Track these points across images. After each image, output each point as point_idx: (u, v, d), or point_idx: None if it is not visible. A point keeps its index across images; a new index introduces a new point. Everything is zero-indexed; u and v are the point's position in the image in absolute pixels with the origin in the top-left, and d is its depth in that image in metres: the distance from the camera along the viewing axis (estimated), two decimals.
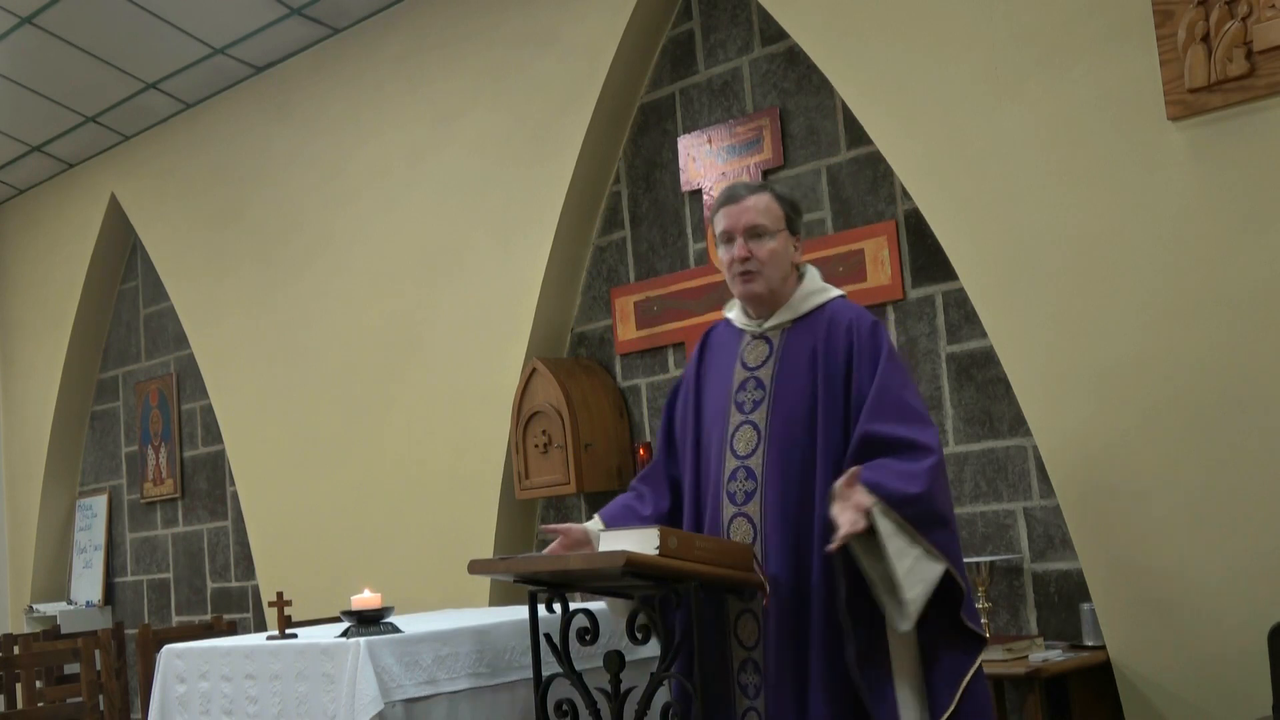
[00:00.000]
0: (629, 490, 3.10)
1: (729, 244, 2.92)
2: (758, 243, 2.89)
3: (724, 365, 2.97)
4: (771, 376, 2.88)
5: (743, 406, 2.89)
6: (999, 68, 3.87)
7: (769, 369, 2.89)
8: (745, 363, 2.93)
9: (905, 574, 2.61)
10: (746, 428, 2.87)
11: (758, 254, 2.88)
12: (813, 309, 2.93)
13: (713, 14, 4.84)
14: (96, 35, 6.19)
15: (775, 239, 2.90)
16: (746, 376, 2.92)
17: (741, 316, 3.01)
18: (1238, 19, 3.38)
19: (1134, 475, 3.59)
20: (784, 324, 2.93)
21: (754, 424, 2.86)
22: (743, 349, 2.96)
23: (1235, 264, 3.41)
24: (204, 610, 6.94)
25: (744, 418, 2.88)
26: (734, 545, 2.76)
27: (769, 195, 2.94)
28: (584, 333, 5.27)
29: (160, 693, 3.53)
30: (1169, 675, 3.53)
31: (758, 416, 2.86)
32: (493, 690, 3.26)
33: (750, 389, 2.90)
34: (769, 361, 2.90)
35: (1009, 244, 3.85)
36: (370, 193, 5.93)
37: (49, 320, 7.86)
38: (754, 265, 2.89)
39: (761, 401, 2.87)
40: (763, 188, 2.99)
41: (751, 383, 2.90)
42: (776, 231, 2.91)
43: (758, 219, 2.89)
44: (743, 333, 2.99)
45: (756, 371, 2.91)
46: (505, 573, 2.95)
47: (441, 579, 5.17)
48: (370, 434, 5.87)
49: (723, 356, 3.00)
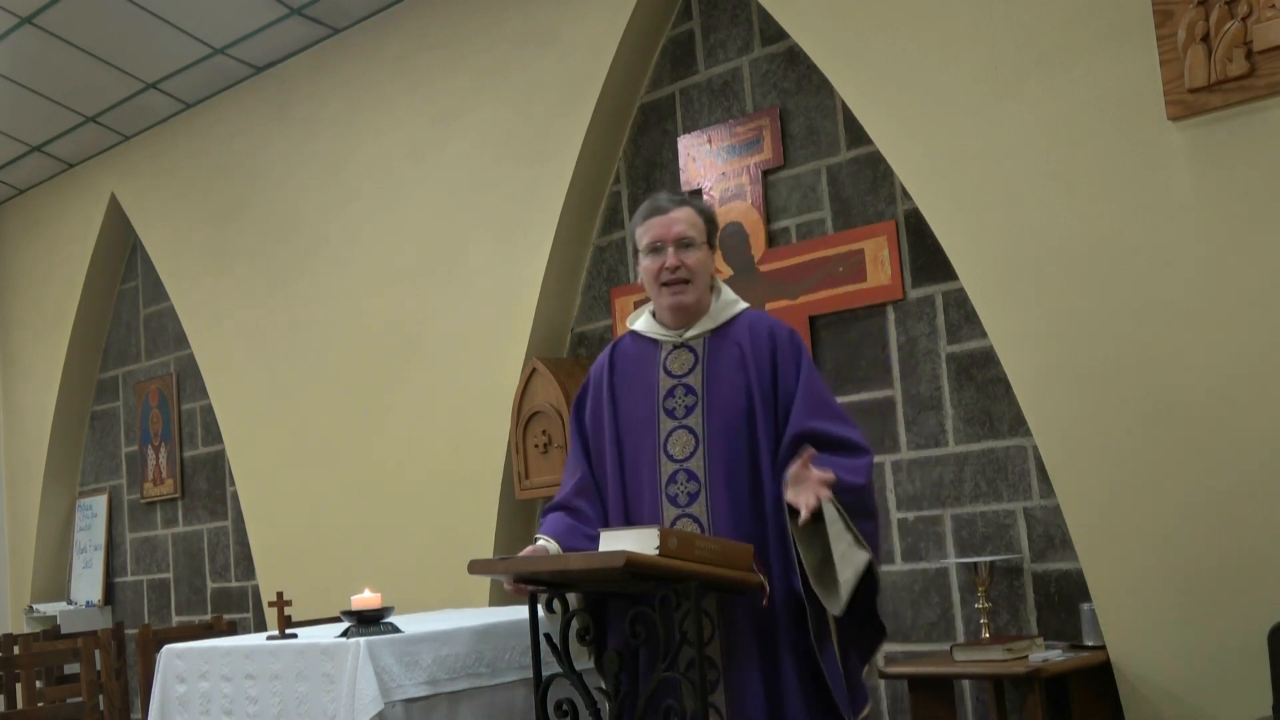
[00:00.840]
0: (563, 510, 3.09)
1: (656, 254, 3.01)
2: (687, 253, 3.00)
3: (643, 375, 3.06)
4: (702, 382, 2.99)
5: (674, 413, 2.99)
6: (999, 68, 3.87)
7: (698, 375, 3.00)
8: (670, 371, 3.03)
9: (840, 557, 2.77)
10: (681, 432, 2.97)
11: (688, 263, 2.99)
12: (730, 319, 3.06)
13: (713, 14, 4.84)
14: (96, 35, 6.19)
15: (701, 250, 3.02)
16: (674, 384, 3.01)
17: (657, 327, 3.09)
18: (1238, 19, 3.38)
19: (1134, 475, 3.59)
20: (705, 333, 3.04)
21: (689, 428, 2.96)
22: (664, 358, 3.05)
23: (1235, 264, 3.41)
24: (204, 610, 6.94)
25: (677, 423, 2.98)
26: (734, 545, 2.77)
27: (691, 208, 3.06)
28: (584, 333, 5.27)
29: (160, 693, 3.53)
30: (1169, 675, 3.53)
31: (692, 421, 2.96)
32: (493, 690, 3.27)
33: (680, 395, 3.00)
34: (696, 368, 3.01)
35: (1009, 244, 3.85)
36: (370, 193, 5.93)
37: (49, 320, 7.86)
38: (685, 274, 2.99)
39: (695, 407, 2.97)
40: (685, 201, 3.09)
41: (680, 389, 3.00)
42: (701, 243, 3.03)
43: (687, 230, 3.01)
44: (659, 343, 3.07)
45: (685, 379, 3.01)
46: (505, 573, 2.95)
47: (441, 579, 5.17)
48: (370, 434, 5.87)
49: (639, 367, 3.08)
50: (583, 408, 3.15)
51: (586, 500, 3.07)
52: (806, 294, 4.45)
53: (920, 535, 4.20)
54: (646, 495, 2.98)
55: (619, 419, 3.06)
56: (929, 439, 4.18)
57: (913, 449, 4.22)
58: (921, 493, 4.19)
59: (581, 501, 3.07)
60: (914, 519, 4.22)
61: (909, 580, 4.22)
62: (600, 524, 3.02)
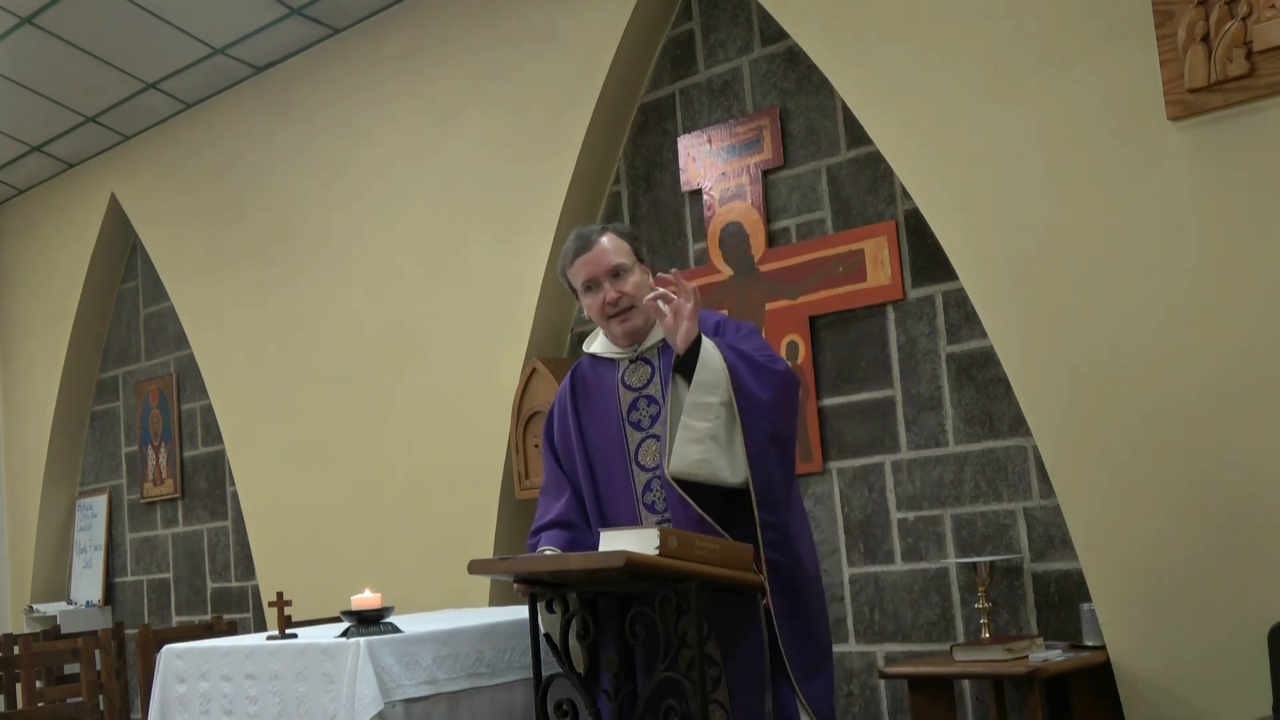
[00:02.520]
0: (558, 528, 3.11)
1: (594, 291, 3.08)
2: (622, 281, 3.06)
3: (604, 394, 3.11)
4: (662, 389, 3.02)
5: (640, 424, 3.04)
6: (999, 68, 3.87)
7: (657, 384, 3.04)
8: (629, 385, 3.08)
9: (692, 408, 2.82)
10: (650, 441, 3.02)
11: (627, 290, 3.05)
12: None
13: (713, 14, 4.84)
14: (96, 35, 6.18)
15: (634, 273, 3.08)
16: (635, 396, 3.07)
17: (611, 347, 3.15)
18: (1238, 19, 3.38)
19: (1134, 475, 3.59)
20: (657, 343, 3.09)
21: (656, 436, 3.00)
22: (622, 374, 3.10)
23: (1235, 264, 3.41)
24: (204, 610, 6.94)
25: (644, 433, 3.03)
26: (734, 546, 2.77)
27: (612, 234, 3.12)
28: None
29: (160, 693, 3.53)
30: (1169, 675, 3.53)
31: (659, 429, 3.00)
32: (493, 690, 3.27)
33: (643, 406, 3.05)
34: (655, 378, 3.05)
35: (1009, 244, 3.85)
36: (370, 192, 5.93)
37: (49, 320, 7.86)
38: (626, 302, 3.06)
39: (659, 414, 3.01)
40: (604, 229, 3.13)
41: (643, 400, 3.05)
42: (633, 265, 3.09)
43: (614, 258, 3.07)
44: (615, 362, 3.12)
45: (645, 390, 3.06)
46: (505, 573, 2.95)
47: (441, 579, 5.17)
48: (370, 434, 5.87)
49: (599, 387, 3.13)
50: (551, 433, 3.20)
51: (580, 516, 3.10)
52: (806, 294, 4.45)
53: (920, 535, 4.20)
54: (623, 508, 3.01)
55: (586, 439, 3.11)
56: (929, 439, 4.18)
57: (913, 449, 4.22)
58: (921, 493, 4.19)
59: (576, 517, 3.10)
60: (914, 519, 4.22)
61: (909, 580, 4.22)
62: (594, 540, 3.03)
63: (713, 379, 2.83)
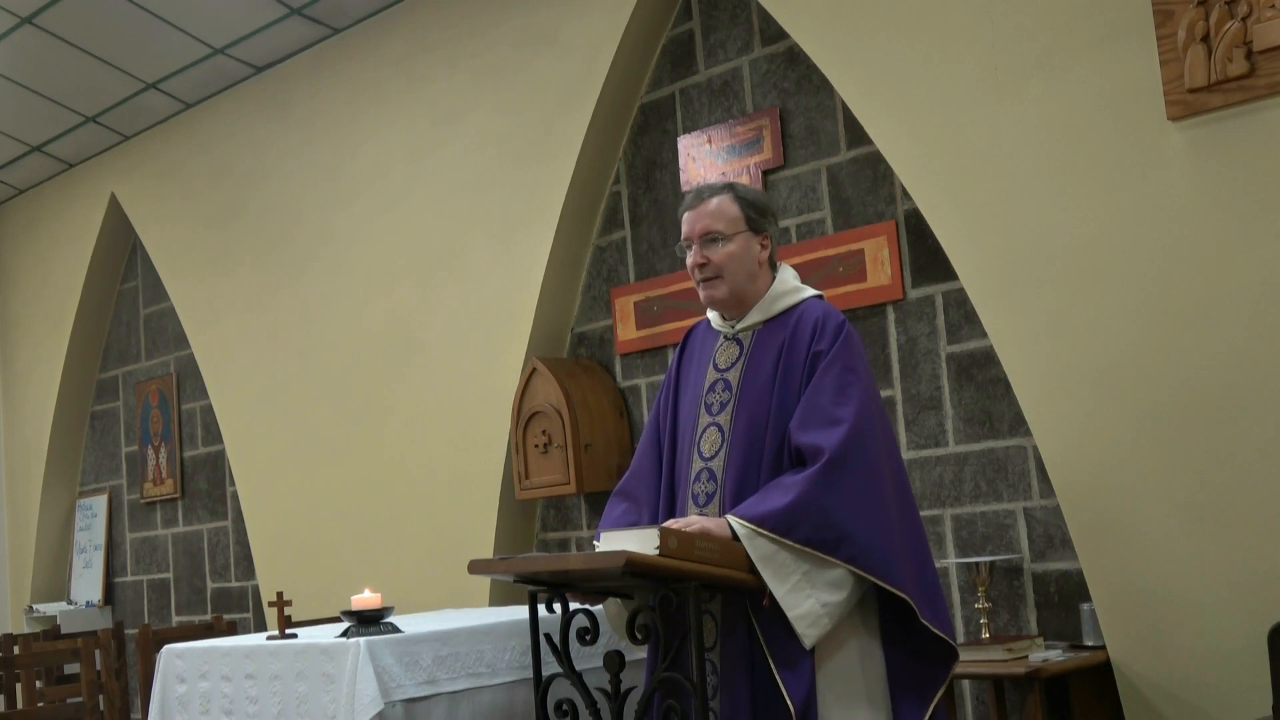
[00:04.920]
0: (620, 497, 3.06)
1: (688, 249, 2.93)
2: (712, 248, 2.89)
3: (699, 367, 2.99)
4: (739, 378, 2.89)
5: (710, 408, 2.91)
6: (999, 68, 3.87)
7: (737, 371, 2.90)
8: (717, 365, 2.95)
9: (786, 594, 2.63)
10: (713, 429, 2.89)
11: (714, 259, 2.88)
12: (784, 310, 2.92)
13: (713, 14, 4.84)
14: (96, 35, 6.19)
15: (732, 242, 2.89)
16: (716, 378, 2.93)
17: (718, 319, 3.02)
18: (1238, 19, 3.38)
19: (1134, 475, 3.59)
20: (755, 325, 2.93)
21: (719, 425, 2.88)
22: (715, 351, 2.97)
23: (1235, 264, 3.41)
24: (204, 610, 6.94)
25: (711, 419, 2.90)
26: (734, 546, 2.76)
27: (727, 196, 2.92)
28: (584, 333, 5.27)
29: (160, 693, 3.53)
30: (1169, 675, 3.53)
31: (723, 418, 2.88)
32: (493, 690, 3.27)
33: (719, 390, 2.91)
34: (738, 363, 2.91)
35: (1009, 244, 3.85)
36: (370, 192, 5.93)
37: (49, 320, 7.86)
38: (711, 271, 2.89)
39: (728, 403, 2.88)
40: (726, 188, 2.95)
41: (720, 384, 2.92)
42: (734, 234, 2.89)
43: (712, 224, 2.89)
44: (718, 334, 2.99)
45: (726, 373, 2.92)
46: (505, 573, 2.94)
47: (441, 579, 5.17)
48: (370, 434, 5.87)
49: (699, 358, 3.01)
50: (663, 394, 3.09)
51: (646, 488, 3.02)
52: None
53: None
54: (681, 492, 2.92)
55: (677, 411, 3.00)
56: (929, 439, 4.18)
57: (913, 449, 4.22)
58: (921, 493, 4.19)
59: (639, 489, 3.02)
60: None
61: None
62: (651, 510, 2.97)
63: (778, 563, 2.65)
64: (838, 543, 2.64)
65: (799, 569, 2.65)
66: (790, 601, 2.63)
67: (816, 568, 2.65)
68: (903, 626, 2.74)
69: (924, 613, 2.69)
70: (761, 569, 2.64)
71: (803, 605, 2.64)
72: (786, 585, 2.64)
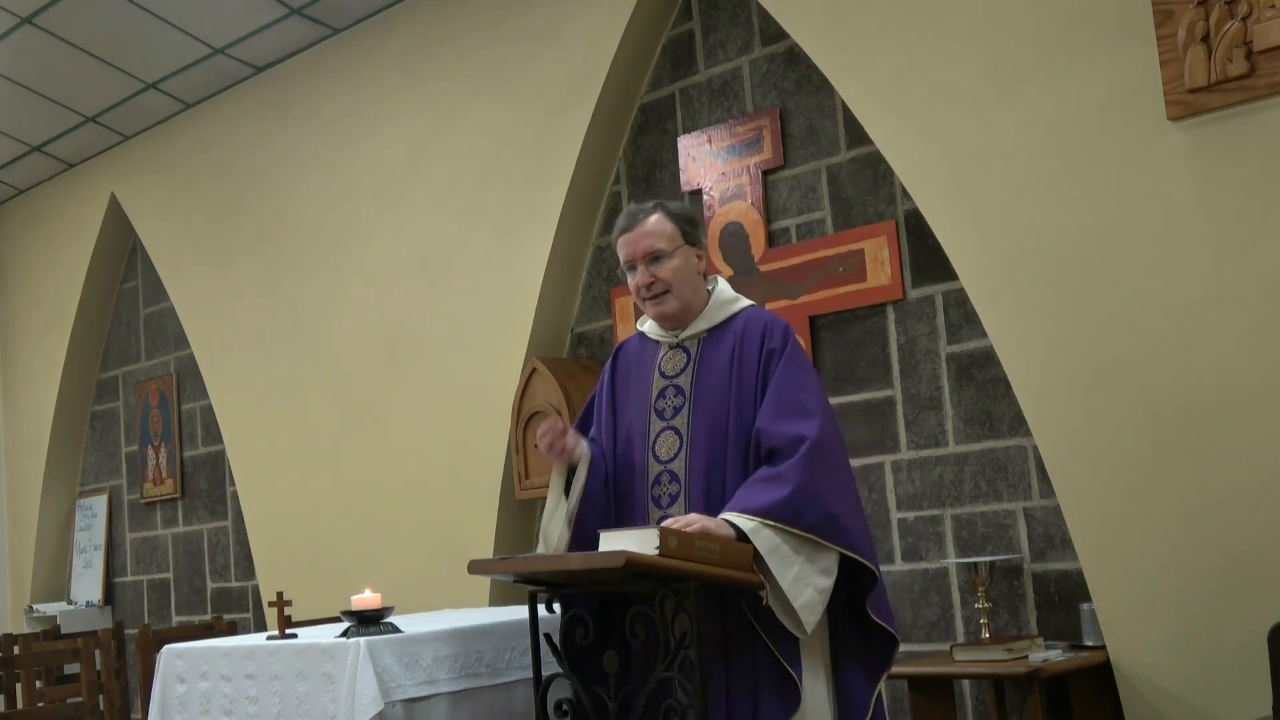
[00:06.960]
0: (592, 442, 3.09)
1: (631, 272, 3.02)
2: (658, 265, 2.99)
3: (641, 376, 3.07)
4: (690, 383, 2.97)
5: (663, 413, 2.98)
6: (999, 68, 3.87)
7: (688, 376, 2.99)
8: (664, 372, 3.03)
9: (790, 585, 2.70)
10: (668, 433, 2.96)
11: (661, 276, 2.98)
12: (727, 318, 3.02)
13: (713, 14, 4.84)
14: (96, 35, 6.19)
15: (675, 257, 2.99)
16: (665, 385, 3.01)
17: (656, 329, 3.10)
18: (1238, 19, 3.38)
19: (1134, 475, 3.59)
20: (700, 334, 3.03)
21: (675, 429, 2.95)
22: (660, 359, 3.05)
23: (1235, 263, 3.41)
24: (204, 610, 6.94)
25: (665, 424, 2.97)
26: (735, 546, 2.76)
27: (660, 214, 3.02)
28: (584, 333, 5.27)
29: (160, 693, 3.53)
30: (1169, 675, 3.53)
31: (679, 422, 2.95)
32: (493, 690, 3.26)
33: (670, 396, 2.99)
34: (688, 369, 3.00)
35: (1009, 244, 3.85)
36: (370, 193, 5.93)
37: (49, 320, 7.86)
38: (660, 287, 2.99)
39: (682, 407, 2.96)
40: (655, 207, 3.04)
41: (671, 390, 2.99)
42: (674, 249, 3.00)
43: (654, 243, 2.99)
44: (659, 344, 3.07)
45: (675, 379, 3.00)
46: (505, 573, 2.95)
47: (441, 579, 5.17)
48: (370, 434, 5.87)
49: (638, 369, 3.09)
50: (590, 409, 3.18)
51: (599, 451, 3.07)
52: (806, 294, 4.45)
53: (920, 535, 4.20)
54: (638, 496, 2.98)
55: (616, 420, 3.08)
56: (929, 439, 4.18)
57: (913, 449, 4.22)
58: (921, 493, 4.19)
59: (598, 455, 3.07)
60: (914, 519, 4.22)
61: (909, 580, 4.22)
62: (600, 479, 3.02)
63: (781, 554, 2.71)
64: (836, 528, 2.74)
65: (798, 558, 2.72)
66: (794, 592, 2.70)
67: (811, 556, 2.73)
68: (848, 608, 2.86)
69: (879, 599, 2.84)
70: (769, 560, 2.69)
71: (804, 595, 2.72)
72: (789, 576, 2.70)
